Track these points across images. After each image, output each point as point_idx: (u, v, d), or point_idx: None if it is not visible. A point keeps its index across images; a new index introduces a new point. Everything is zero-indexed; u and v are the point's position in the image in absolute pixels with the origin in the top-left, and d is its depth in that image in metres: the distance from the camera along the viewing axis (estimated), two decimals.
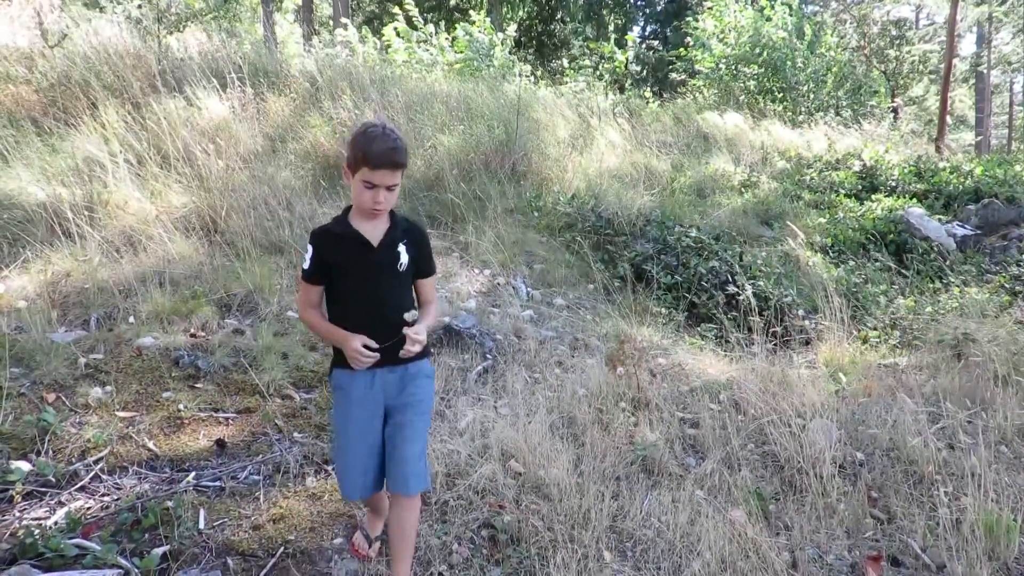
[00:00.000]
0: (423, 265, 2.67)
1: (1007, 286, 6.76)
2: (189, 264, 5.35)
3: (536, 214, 7.66)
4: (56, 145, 6.44)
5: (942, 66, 20.18)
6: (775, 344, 5.47)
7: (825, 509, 3.41)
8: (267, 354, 4.38)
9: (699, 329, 5.92)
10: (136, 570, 2.70)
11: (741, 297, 5.66)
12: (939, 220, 9.12)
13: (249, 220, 6.02)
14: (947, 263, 7.79)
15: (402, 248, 2.56)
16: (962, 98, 34.74)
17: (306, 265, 2.55)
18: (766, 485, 3.60)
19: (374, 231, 2.53)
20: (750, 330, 5.27)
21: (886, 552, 3.17)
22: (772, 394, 4.27)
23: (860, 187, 10.46)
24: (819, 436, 3.81)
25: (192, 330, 4.62)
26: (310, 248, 2.54)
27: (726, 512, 3.29)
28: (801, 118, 14.52)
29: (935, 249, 8.14)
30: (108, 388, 3.88)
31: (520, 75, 12.71)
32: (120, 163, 6.06)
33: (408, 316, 2.53)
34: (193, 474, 3.39)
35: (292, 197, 6.54)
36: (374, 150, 2.35)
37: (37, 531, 2.78)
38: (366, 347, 2.46)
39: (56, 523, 2.93)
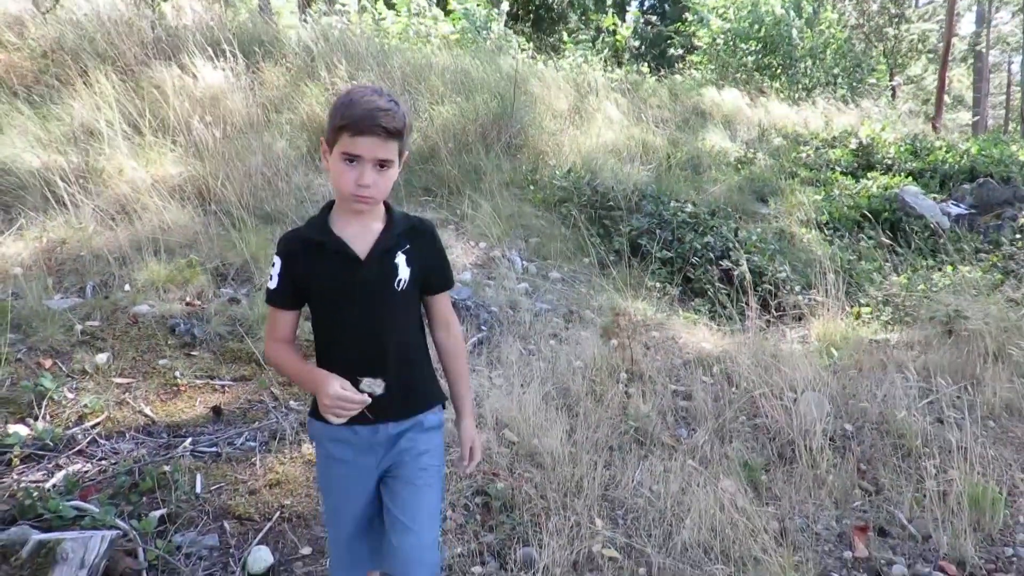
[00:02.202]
0: (433, 276, 2.01)
1: (1000, 265, 6.80)
2: (184, 233, 5.34)
3: (532, 188, 7.65)
4: (49, 113, 6.39)
5: (941, 45, 20.12)
6: (768, 319, 5.51)
7: (814, 480, 3.46)
8: (263, 323, 4.39)
9: (693, 303, 5.96)
10: (134, 532, 2.74)
11: (735, 272, 5.69)
12: (934, 199, 9.14)
13: (244, 190, 6.01)
14: (941, 241, 7.82)
15: (400, 259, 1.92)
16: (960, 78, 34.66)
17: (271, 283, 1.92)
18: (757, 456, 3.64)
19: (362, 237, 1.91)
20: (744, 305, 5.30)
21: (873, 522, 3.23)
22: (764, 368, 4.31)
23: (856, 165, 10.47)
24: (810, 409, 3.86)
25: (188, 298, 4.62)
26: (276, 261, 1.92)
27: (717, 482, 3.33)
28: (799, 95, 14.49)
29: (929, 227, 8.16)
30: (105, 355, 3.90)
31: (518, 48, 12.63)
32: (116, 131, 6.02)
33: (365, 385, 1.85)
34: (190, 440, 3.41)
35: (288, 167, 6.52)
36: (357, 110, 1.76)
37: (36, 493, 2.81)
38: (349, 395, 1.82)
39: (55, 486, 2.96)
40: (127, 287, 4.63)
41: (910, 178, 9.79)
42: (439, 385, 2.11)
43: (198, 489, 3.07)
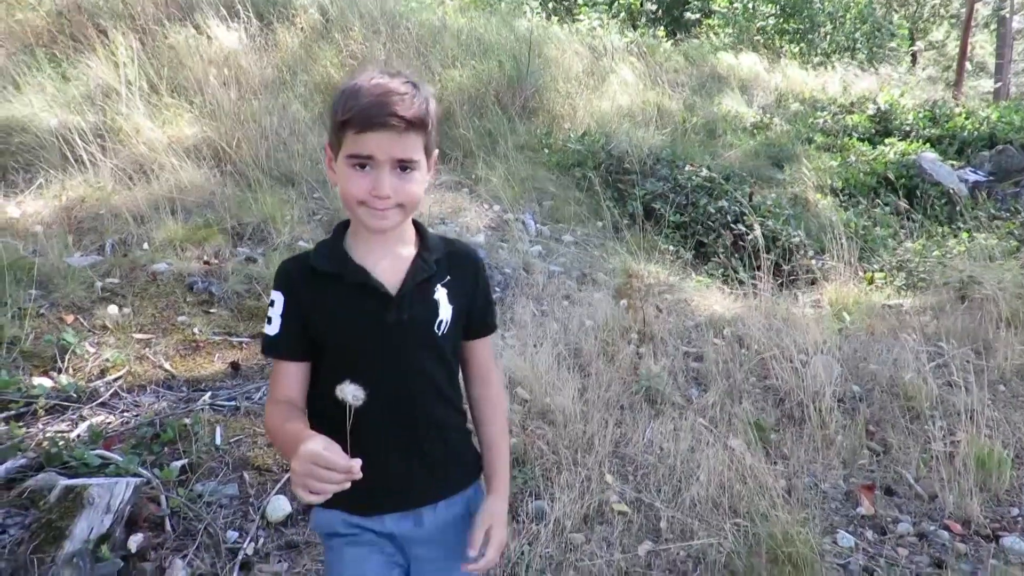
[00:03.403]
0: (475, 317, 1.62)
1: (1016, 232, 6.76)
2: (201, 193, 5.39)
3: (547, 151, 7.64)
4: (67, 72, 6.42)
5: (963, 10, 19.74)
6: (781, 283, 5.52)
7: (823, 440, 3.50)
8: None
9: (706, 267, 5.97)
10: (157, 480, 2.81)
11: (749, 237, 5.69)
12: (952, 165, 9.06)
13: (260, 151, 6.04)
14: (957, 208, 7.77)
15: (441, 294, 1.53)
16: (983, 44, 34.01)
17: (270, 327, 1.51)
18: (766, 417, 3.69)
19: (389, 265, 1.51)
20: (757, 269, 5.31)
21: (880, 482, 3.27)
22: (776, 331, 4.33)
23: (873, 131, 10.37)
24: (820, 372, 3.89)
25: (205, 257, 4.68)
26: (275, 298, 1.52)
27: (726, 441, 3.38)
28: (817, 60, 14.30)
29: (946, 194, 8.10)
30: (125, 311, 3.96)
31: (532, 11, 12.51)
32: (134, 91, 6.05)
33: (346, 392, 1.34)
34: (209, 394, 3.48)
35: (303, 129, 6.54)
36: (363, 98, 1.38)
37: (61, 442, 2.89)
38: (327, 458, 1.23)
39: (79, 436, 3.04)
40: (145, 245, 4.69)
41: (928, 145, 9.69)
42: (476, 453, 1.69)
43: (217, 441, 3.14)
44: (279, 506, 2.83)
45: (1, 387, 3.17)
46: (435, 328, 1.52)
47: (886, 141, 9.81)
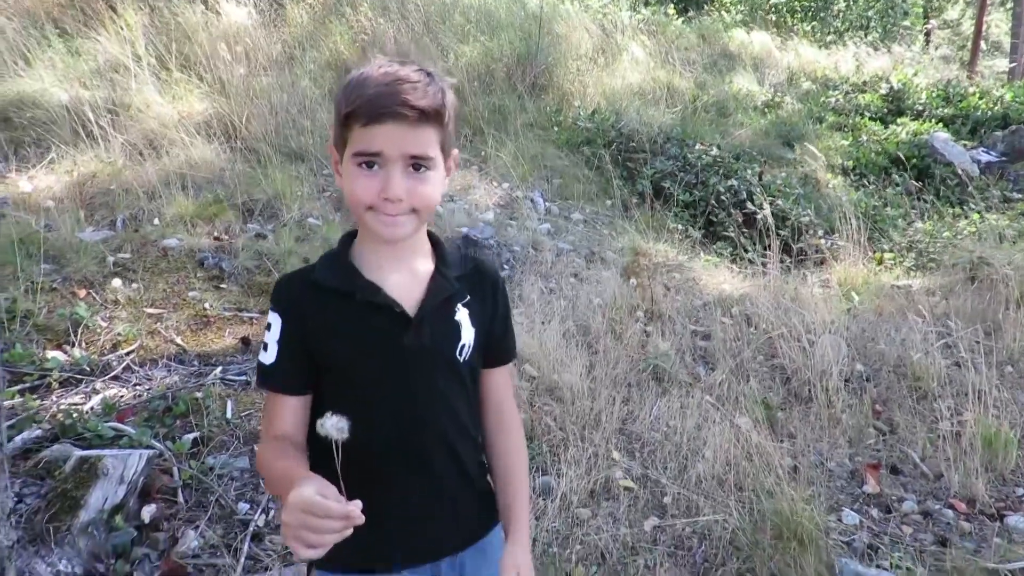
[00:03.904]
0: (495, 341, 1.46)
1: None
2: (211, 169, 5.40)
3: (556, 129, 7.61)
4: (77, 47, 6.42)
5: None
6: (790, 263, 5.52)
7: (829, 419, 3.52)
8: (288, 258, 4.47)
9: (715, 246, 5.96)
10: (169, 452, 2.85)
11: (758, 216, 5.68)
12: (964, 146, 8.99)
13: (269, 127, 6.04)
14: (969, 189, 7.72)
15: (463, 315, 1.38)
16: (998, 23, 33.60)
17: (265, 355, 1.35)
18: (773, 396, 3.70)
19: (404, 282, 1.35)
20: (766, 248, 5.31)
21: (886, 461, 3.29)
22: (784, 310, 4.34)
23: (886, 110, 10.29)
24: (827, 351, 3.89)
25: (215, 233, 4.70)
26: (272, 320, 1.35)
27: (733, 419, 3.40)
28: (830, 38, 14.17)
29: (958, 175, 8.05)
30: (136, 286, 3.99)
31: None
32: (143, 66, 6.05)
33: (329, 426, 1.14)
34: (220, 368, 3.52)
35: (312, 106, 6.53)
36: (369, 87, 1.22)
37: (75, 415, 2.93)
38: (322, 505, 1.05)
39: (92, 408, 3.08)
40: (156, 221, 4.72)
41: (941, 124, 9.61)
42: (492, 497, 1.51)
43: (228, 415, 3.18)
44: None
45: (16, 360, 3.21)
46: (457, 353, 1.36)
47: (898, 121, 9.74)
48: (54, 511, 2.39)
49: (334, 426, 1.12)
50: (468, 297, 1.40)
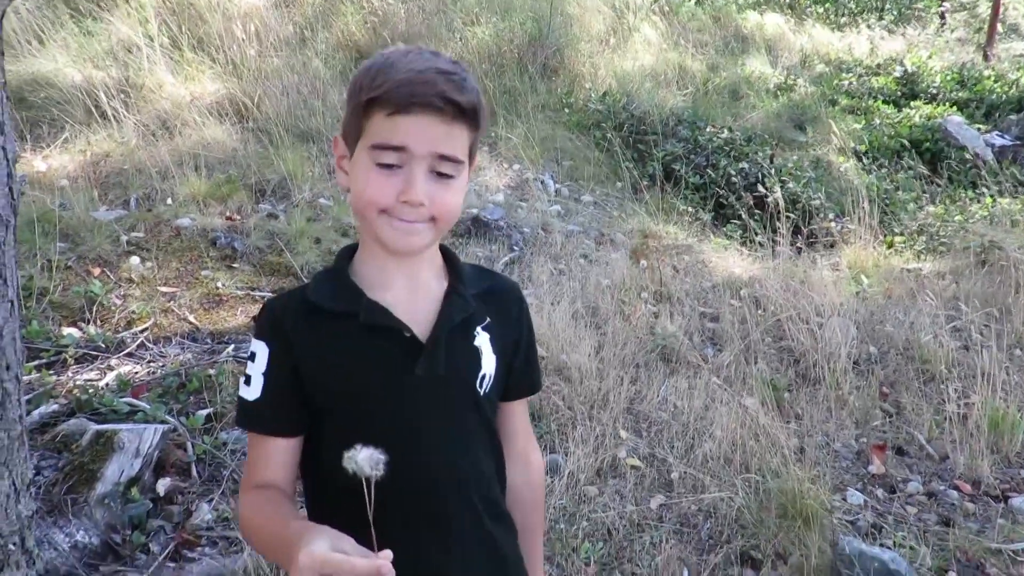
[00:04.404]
0: (519, 371, 1.28)
1: None
2: (223, 149, 5.44)
3: (567, 111, 7.61)
4: (90, 28, 6.45)
5: None
6: (800, 246, 5.52)
7: (836, 401, 3.54)
8: (300, 238, 4.50)
9: (725, 229, 5.96)
10: (183, 427, 2.90)
11: (769, 199, 5.67)
12: (978, 129, 8.93)
13: (281, 108, 6.06)
14: (982, 173, 7.67)
15: (482, 340, 1.20)
16: (1016, 5, 33.17)
17: (249, 389, 1.14)
18: (781, 377, 3.72)
19: (414, 302, 1.17)
20: (776, 231, 5.31)
21: (892, 442, 3.31)
22: (793, 292, 4.35)
23: (899, 93, 10.21)
24: (836, 333, 3.90)
25: (228, 213, 4.74)
26: (257, 349, 1.15)
27: (740, 399, 3.42)
28: (844, 20, 14.04)
29: (971, 159, 8.00)
30: (149, 264, 4.04)
31: None
32: (155, 46, 6.08)
33: (361, 460, 0.94)
34: (232, 346, 3.56)
35: (323, 87, 6.55)
36: (399, 71, 1.06)
37: (91, 390, 2.98)
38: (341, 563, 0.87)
39: (107, 384, 3.13)
40: (169, 200, 4.76)
41: (955, 108, 9.53)
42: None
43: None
44: None
45: (32, 336, 3.26)
46: (477, 384, 1.19)
47: (912, 104, 9.66)
48: (71, 483, 2.45)
49: (368, 460, 0.92)
50: (488, 319, 1.21)
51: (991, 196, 6.60)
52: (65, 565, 2.26)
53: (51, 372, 3.13)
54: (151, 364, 3.35)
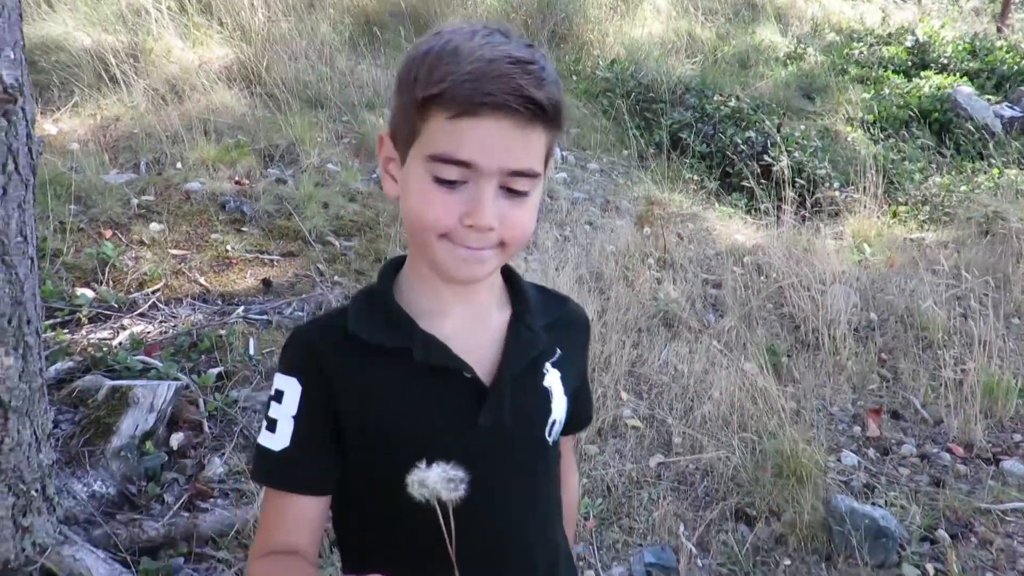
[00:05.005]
0: (579, 405, 1.12)
1: None
2: (232, 114, 5.47)
3: (575, 78, 7.60)
4: None
5: None
6: (804, 215, 5.55)
7: (835, 366, 3.60)
8: (308, 203, 4.55)
9: (730, 198, 5.99)
10: (195, 385, 2.98)
11: (775, 168, 5.69)
12: (988, 100, 8.88)
13: (289, 73, 6.08)
14: (990, 144, 7.65)
15: (553, 379, 1.04)
16: None
17: (273, 436, 0.96)
18: (781, 343, 3.78)
19: (474, 335, 1.01)
20: (781, 200, 5.33)
21: (888, 406, 3.37)
22: (796, 260, 4.39)
23: (910, 63, 10.13)
24: (837, 301, 3.95)
25: (237, 177, 4.79)
26: (288, 387, 0.96)
27: (739, 364, 3.48)
28: None
29: (979, 129, 7.97)
30: (159, 227, 4.10)
31: None
32: (163, 10, 6.09)
33: (432, 481, 0.79)
34: (242, 308, 3.64)
35: (331, 52, 6.56)
36: (465, 62, 0.85)
37: (105, 348, 3.06)
38: None
39: (121, 343, 3.20)
40: (179, 164, 4.81)
41: (965, 78, 9.47)
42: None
43: (251, 351, 3.30)
44: None
45: (47, 296, 3.33)
46: (546, 433, 1.03)
47: (922, 74, 9.60)
48: (88, 436, 2.53)
49: (442, 480, 0.75)
50: (558, 353, 1.04)
51: (997, 167, 6.59)
52: (84, 513, 2.35)
53: (65, 331, 3.21)
54: (163, 324, 3.43)
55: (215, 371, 3.10)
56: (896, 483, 2.89)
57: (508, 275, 1.07)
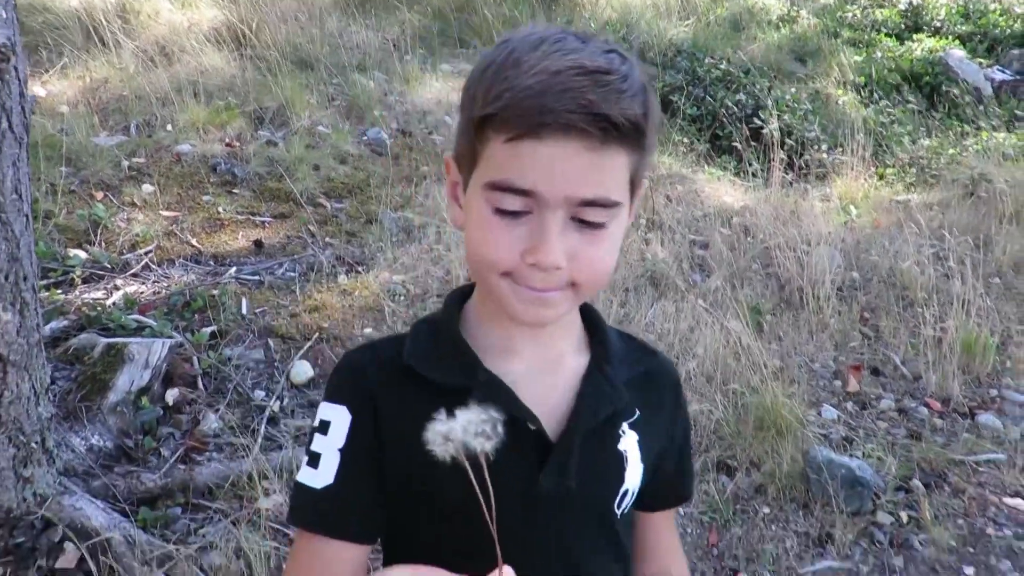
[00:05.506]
0: (670, 477, 1.02)
1: None
2: (222, 76, 5.46)
3: None
4: None
5: None
6: (793, 177, 5.58)
7: (818, 324, 3.67)
8: (299, 165, 4.57)
9: (720, 160, 6.02)
10: (189, 343, 3.03)
11: (764, 131, 5.71)
12: (980, 64, 8.88)
13: (279, 35, 6.06)
14: (980, 107, 7.68)
15: (630, 441, 0.91)
16: None
17: (315, 473, 0.86)
18: (765, 302, 3.84)
19: (543, 380, 0.90)
20: (770, 162, 5.37)
21: (868, 363, 3.45)
22: (783, 222, 4.44)
23: (903, 26, 10.11)
24: (822, 260, 4.01)
25: (227, 140, 4.80)
26: (336, 416, 0.88)
27: (724, 322, 3.55)
28: None
29: (970, 93, 7.99)
30: (150, 189, 4.12)
31: None
32: None
33: (459, 428, 0.62)
34: (234, 268, 3.68)
35: (322, 14, 6.53)
36: (525, 79, 0.73)
37: (99, 308, 3.11)
38: None
39: (115, 303, 3.25)
40: (169, 127, 4.81)
41: (958, 42, 9.46)
42: None
43: (244, 311, 3.35)
44: (302, 370, 3.05)
45: (40, 256, 3.36)
46: (616, 504, 0.91)
47: (915, 37, 9.59)
48: (85, 392, 2.59)
49: (471, 426, 0.61)
50: (638, 414, 0.92)
51: (986, 130, 6.63)
52: (82, 465, 2.41)
53: (59, 291, 3.26)
54: (156, 284, 3.47)
55: (208, 330, 3.15)
56: (874, 436, 2.97)
57: (588, 315, 0.96)
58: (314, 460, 0.86)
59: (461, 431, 0.59)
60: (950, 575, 2.47)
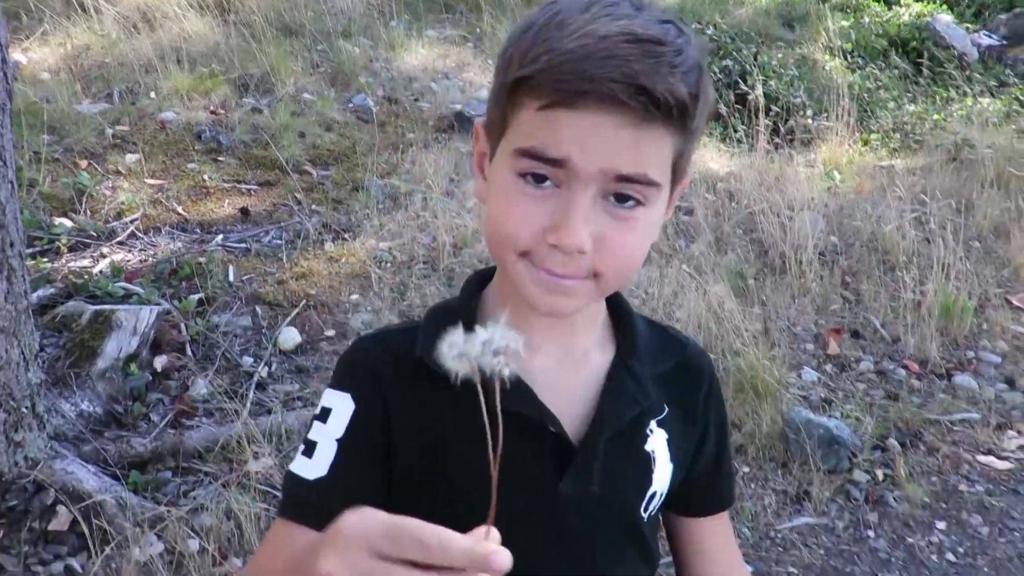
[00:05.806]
0: (707, 482, 0.96)
1: (1021, 98, 6.74)
2: (205, 43, 5.41)
3: None
4: None
5: None
6: (778, 143, 5.60)
7: (800, 289, 3.72)
8: (285, 132, 4.56)
9: (705, 126, 6.03)
10: (176, 310, 3.06)
11: (750, 97, 5.72)
12: (967, 28, 8.88)
13: (263, 1, 5.99)
14: (966, 73, 7.69)
15: (658, 441, 0.86)
16: None
17: (310, 463, 0.81)
18: (749, 267, 3.88)
19: (566, 377, 0.85)
20: (755, 128, 5.38)
21: (848, 326, 3.51)
22: (767, 188, 4.47)
23: None
24: (806, 226, 4.05)
25: (212, 107, 4.77)
26: (339, 403, 0.83)
27: (707, 287, 3.59)
28: None
29: (956, 58, 8.00)
30: (135, 157, 4.11)
31: None
32: None
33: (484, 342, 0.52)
34: (220, 236, 3.69)
35: None
36: (567, 42, 0.67)
37: (86, 276, 3.12)
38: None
39: (101, 271, 3.26)
40: (152, 94, 4.78)
41: (945, 6, 9.45)
42: None
43: (231, 278, 3.37)
44: (290, 336, 3.08)
45: (25, 225, 3.36)
46: (642, 509, 0.86)
47: (902, 2, 9.56)
48: (73, 359, 2.62)
49: (483, 346, 0.53)
50: (666, 411, 0.87)
51: (971, 96, 6.66)
52: (73, 430, 2.45)
53: (45, 259, 3.27)
54: (143, 252, 3.48)
55: (196, 297, 3.17)
56: (852, 397, 3.03)
57: (615, 306, 0.89)
58: (310, 449, 0.81)
59: (480, 348, 0.52)
60: (923, 530, 2.55)
